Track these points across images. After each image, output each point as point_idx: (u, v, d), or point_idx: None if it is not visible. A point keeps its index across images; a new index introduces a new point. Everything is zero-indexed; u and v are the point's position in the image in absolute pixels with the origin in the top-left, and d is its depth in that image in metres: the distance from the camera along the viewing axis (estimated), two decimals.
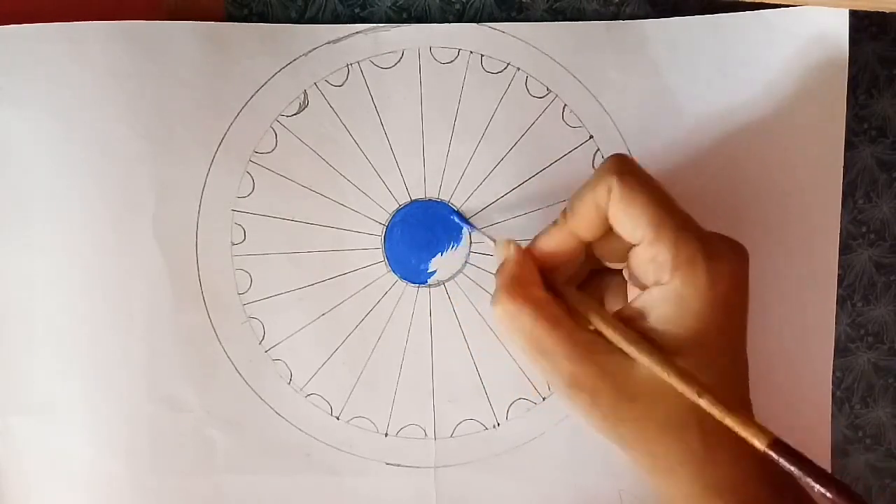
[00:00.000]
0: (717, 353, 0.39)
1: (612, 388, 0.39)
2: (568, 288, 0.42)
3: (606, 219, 0.40)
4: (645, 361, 0.38)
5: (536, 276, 0.41)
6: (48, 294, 0.47)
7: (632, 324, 0.40)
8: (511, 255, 0.42)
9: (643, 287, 0.40)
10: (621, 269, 0.43)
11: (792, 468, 0.35)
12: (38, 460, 0.48)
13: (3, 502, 0.48)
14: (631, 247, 0.40)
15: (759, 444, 0.36)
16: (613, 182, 0.39)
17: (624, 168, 0.40)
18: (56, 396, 0.47)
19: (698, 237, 0.39)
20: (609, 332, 0.39)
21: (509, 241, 0.42)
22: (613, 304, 0.44)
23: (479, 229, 0.47)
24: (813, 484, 0.35)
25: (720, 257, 0.39)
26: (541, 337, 0.39)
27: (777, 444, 0.36)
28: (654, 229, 0.38)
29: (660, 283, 0.39)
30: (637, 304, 0.40)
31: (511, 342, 0.41)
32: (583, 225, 0.40)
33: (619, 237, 0.40)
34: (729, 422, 0.37)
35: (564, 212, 0.41)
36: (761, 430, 0.36)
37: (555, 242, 0.42)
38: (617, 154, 0.41)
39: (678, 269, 0.38)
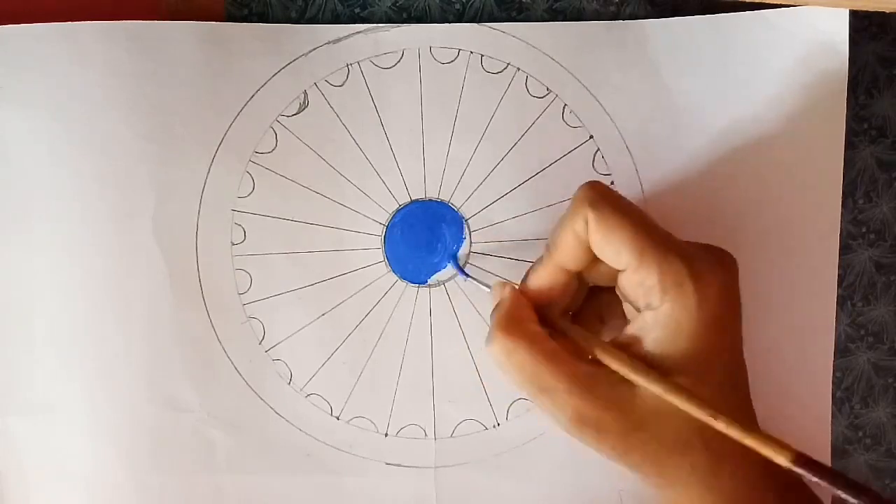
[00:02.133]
0: (715, 369, 0.40)
1: (617, 419, 0.39)
2: (566, 322, 0.42)
3: (589, 248, 0.40)
4: (654, 389, 0.38)
5: (531, 312, 0.42)
6: (48, 294, 0.47)
7: (628, 350, 0.40)
8: (505, 296, 0.42)
9: (637, 308, 0.40)
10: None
11: (820, 481, 0.35)
12: (38, 460, 0.48)
13: (3, 502, 0.48)
14: (619, 270, 0.40)
15: (782, 460, 0.36)
16: (588, 212, 0.39)
17: (597, 196, 0.40)
18: (56, 396, 0.47)
19: (683, 257, 0.39)
20: (613, 362, 0.39)
21: (504, 283, 0.43)
22: (613, 319, 0.45)
23: (473, 278, 0.47)
24: (844, 495, 0.35)
25: (707, 275, 0.39)
26: (540, 373, 0.39)
27: (801, 458, 0.36)
28: (638, 255, 0.39)
29: (651, 308, 0.39)
30: (631, 331, 0.40)
31: (510, 380, 0.41)
32: (567, 257, 0.41)
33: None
34: (749, 442, 0.37)
35: (548, 247, 0.42)
36: (782, 445, 0.36)
37: (544, 278, 0.42)
38: (589, 182, 0.41)
39: (667, 292, 0.38)
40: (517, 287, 0.43)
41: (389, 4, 0.48)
